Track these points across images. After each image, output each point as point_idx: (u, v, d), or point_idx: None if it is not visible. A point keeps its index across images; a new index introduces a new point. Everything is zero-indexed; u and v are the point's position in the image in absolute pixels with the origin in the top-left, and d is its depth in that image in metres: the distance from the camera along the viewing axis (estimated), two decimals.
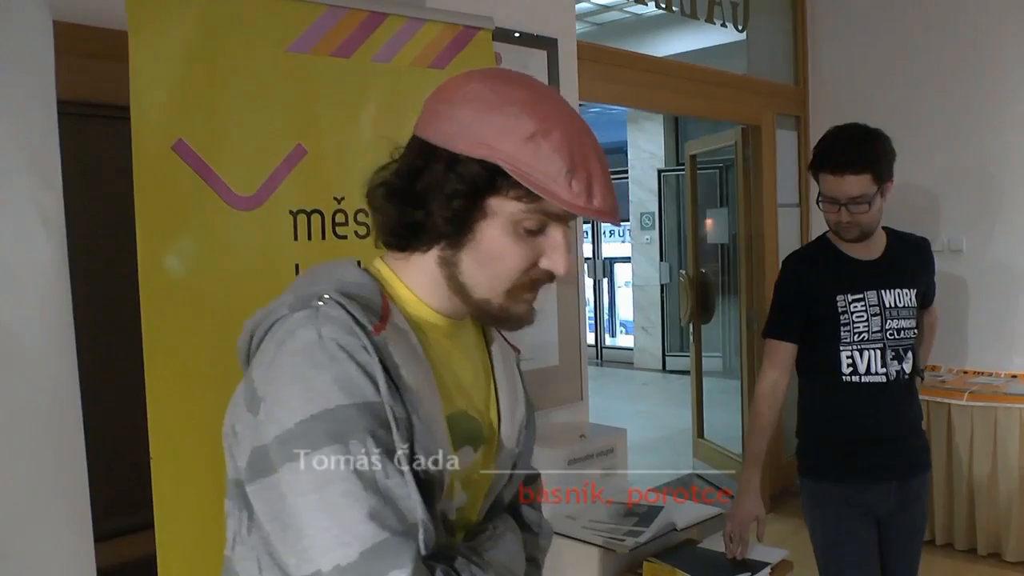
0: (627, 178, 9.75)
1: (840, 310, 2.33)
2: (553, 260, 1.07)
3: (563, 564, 2.62)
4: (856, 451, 2.35)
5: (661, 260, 9.51)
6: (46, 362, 1.65)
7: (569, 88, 3.09)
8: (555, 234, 1.07)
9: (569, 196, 1.00)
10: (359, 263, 1.12)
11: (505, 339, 1.29)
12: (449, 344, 1.13)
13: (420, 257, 1.09)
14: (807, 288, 2.39)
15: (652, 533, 2.55)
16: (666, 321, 9.58)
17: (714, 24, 4.60)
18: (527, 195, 1.01)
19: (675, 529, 2.63)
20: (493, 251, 1.05)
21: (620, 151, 10.01)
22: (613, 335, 11.43)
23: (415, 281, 1.10)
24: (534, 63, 2.93)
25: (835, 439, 2.38)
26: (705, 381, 5.80)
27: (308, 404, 0.94)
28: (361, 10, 2.08)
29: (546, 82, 2.97)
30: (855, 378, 2.33)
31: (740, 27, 4.75)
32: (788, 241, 4.95)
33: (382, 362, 0.97)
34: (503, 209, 1.03)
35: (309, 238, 2.03)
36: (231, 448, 1.03)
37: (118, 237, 1.77)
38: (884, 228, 2.43)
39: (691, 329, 5.82)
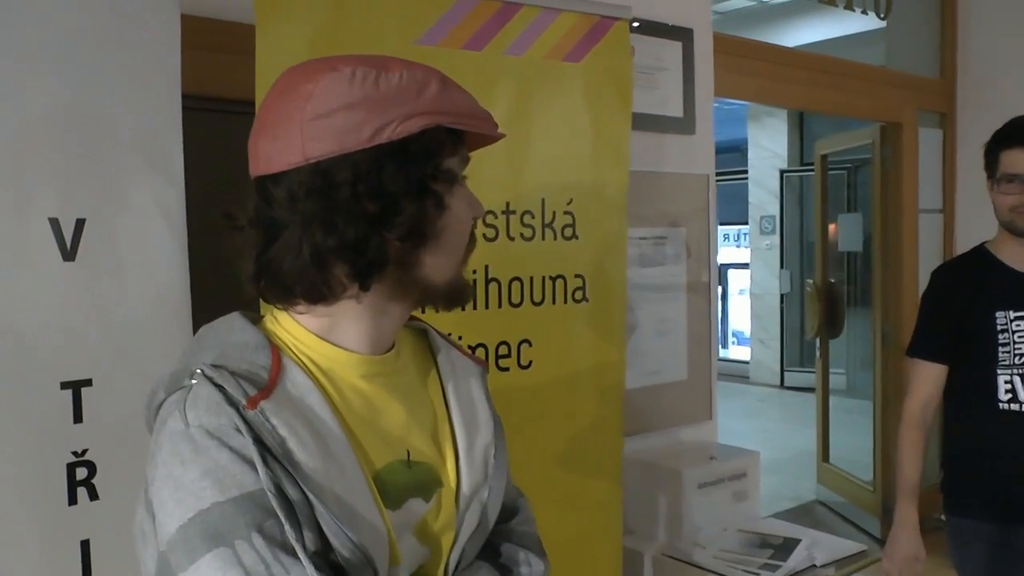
0: (747, 178, 9.52)
1: (999, 328, 2.19)
2: (475, 203, 1.05)
3: None
4: (1013, 488, 2.20)
5: (782, 268, 9.24)
6: (165, 363, 1.63)
7: (704, 82, 3.00)
8: (464, 179, 1.04)
9: (489, 125, 1.02)
10: (249, 315, 1.04)
11: (464, 353, 1.20)
12: (370, 387, 1.03)
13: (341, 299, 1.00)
14: (960, 302, 2.27)
15: (789, 568, 2.45)
16: (785, 333, 9.31)
17: (853, 11, 4.42)
18: (458, 143, 1.00)
19: (815, 565, 2.52)
20: (460, 218, 1.02)
21: (739, 149, 9.79)
22: (725, 346, 11.19)
23: (324, 322, 1.00)
24: (668, 55, 2.86)
25: (988, 474, 2.24)
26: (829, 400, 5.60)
27: (181, 507, 0.87)
28: (493, 0, 2.05)
29: (681, 75, 2.90)
30: (1014, 406, 2.18)
31: (882, 14, 4.55)
32: (929, 251, 4.73)
33: (260, 440, 0.89)
34: (452, 168, 1.00)
35: None
36: (139, 551, 0.95)
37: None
38: None
39: (817, 344, 5.62)
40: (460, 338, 2.05)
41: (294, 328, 1.01)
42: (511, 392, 2.14)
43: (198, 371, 0.92)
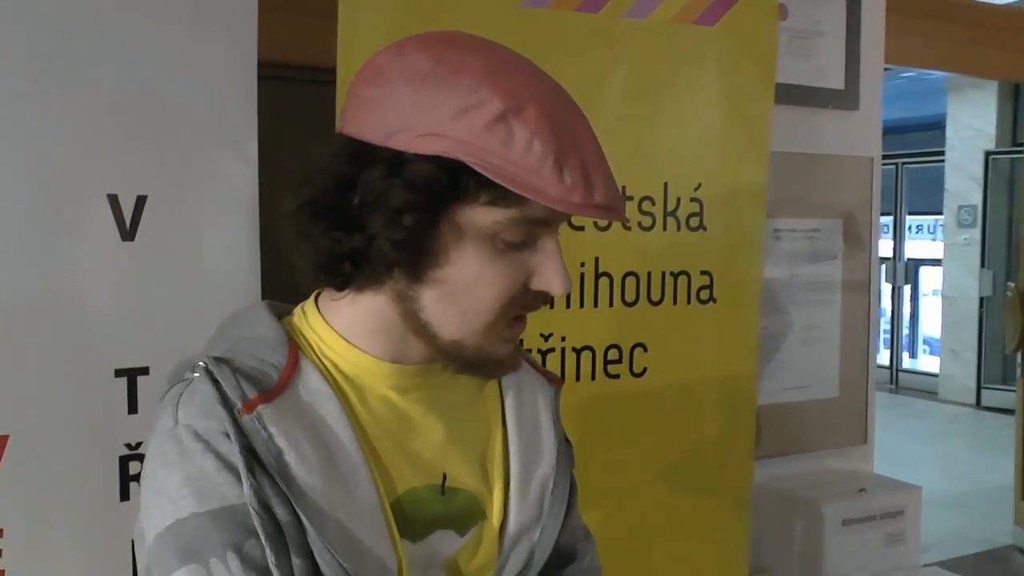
0: (943, 161, 9.10)
1: None
2: (547, 278, 0.94)
3: None
4: None
5: (982, 267, 8.81)
6: None
7: (873, 48, 2.85)
8: (546, 245, 0.94)
9: (562, 192, 0.87)
10: (278, 307, 1.04)
11: (536, 368, 1.16)
12: (403, 401, 1.00)
13: (361, 293, 0.97)
14: None
15: None
16: (984, 344, 8.86)
17: None
18: (504, 197, 0.89)
19: None
20: (466, 278, 0.92)
21: (936, 127, 9.37)
22: (913, 356, 10.77)
23: (349, 321, 0.99)
24: (829, 17, 2.72)
25: None
26: None
27: (161, 514, 0.88)
28: None
29: (844, 41, 2.77)
30: None
31: None
32: None
33: (251, 449, 0.88)
34: (474, 220, 0.91)
35: None
36: (138, 553, 0.97)
37: None
38: None
39: (1018, 359, 5.32)
40: (563, 339, 2.04)
41: (320, 327, 1.00)
42: (621, 401, 2.12)
43: (200, 364, 0.93)
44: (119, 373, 1.60)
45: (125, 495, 1.61)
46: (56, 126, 1.52)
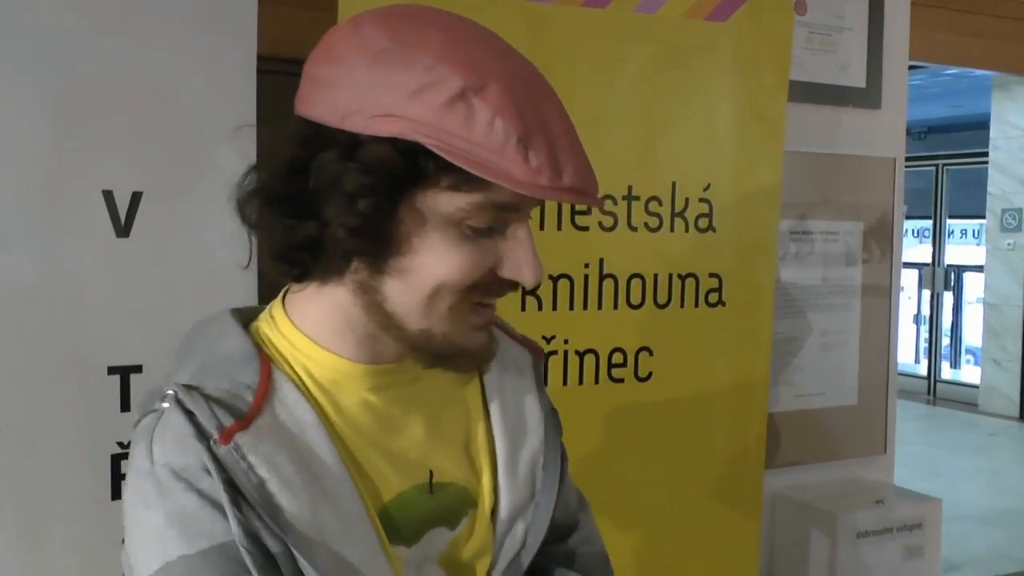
0: (987, 162, 9.03)
1: None
2: (516, 266, 0.93)
3: None
4: None
5: None
6: None
7: (897, 44, 2.86)
8: (517, 231, 0.92)
9: (527, 175, 0.85)
10: (244, 313, 1.03)
11: (516, 339, 1.17)
12: (382, 401, 0.99)
13: (324, 286, 0.95)
14: None
15: None
16: None
17: None
18: (467, 181, 0.86)
19: None
20: (428, 266, 0.90)
21: (980, 126, 9.30)
22: (955, 366, 10.69)
23: (315, 320, 0.97)
24: (852, 11, 2.73)
25: None
26: None
27: (149, 556, 0.87)
28: None
29: (866, 36, 2.78)
30: None
31: None
32: None
33: (231, 482, 0.87)
34: (437, 206, 0.88)
35: (541, 227, 2.02)
36: None
37: None
38: None
39: None
40: (566, 342, 2.07)
41: (289, 331, 0.99)
42: (625, 406, 2.15)
43: (169, 392, 0.91)
44: (112, 371, 1.64)
45: (116, 494, 1.65)
46: (51, 121, 1.57)
